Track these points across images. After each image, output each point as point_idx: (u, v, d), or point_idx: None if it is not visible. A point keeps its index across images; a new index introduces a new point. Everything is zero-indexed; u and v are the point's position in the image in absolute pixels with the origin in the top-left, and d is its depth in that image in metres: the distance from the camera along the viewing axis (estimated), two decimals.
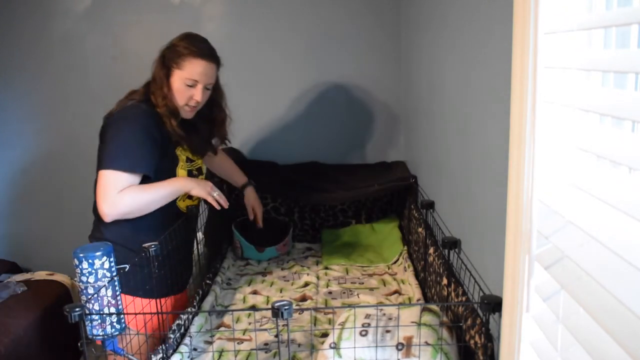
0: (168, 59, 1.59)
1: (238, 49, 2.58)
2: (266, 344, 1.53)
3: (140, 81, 1.69)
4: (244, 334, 1.63)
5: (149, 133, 1.54)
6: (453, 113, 1.54)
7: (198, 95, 1.59)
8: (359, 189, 2.30)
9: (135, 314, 1.37)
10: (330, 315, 1.71)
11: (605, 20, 0.73)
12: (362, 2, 2.51)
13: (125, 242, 1.55)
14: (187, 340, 1.47)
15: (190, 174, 1.71)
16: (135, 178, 1.50)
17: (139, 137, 1.52)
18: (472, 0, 1.31)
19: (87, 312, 1.17)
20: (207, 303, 1.78)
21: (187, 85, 1.57)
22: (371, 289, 1.95)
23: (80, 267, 1.16)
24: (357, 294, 1.90)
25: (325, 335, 1.53)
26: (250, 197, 2.12)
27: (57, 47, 2.58)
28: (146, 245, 1.40)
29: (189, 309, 1.62)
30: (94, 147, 1.58)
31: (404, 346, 1.16)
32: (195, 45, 1.59)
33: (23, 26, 2.58)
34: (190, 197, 1.70)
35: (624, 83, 0.82)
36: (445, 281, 1.45)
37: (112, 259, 1.21)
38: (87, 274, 1.17)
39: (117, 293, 1.23)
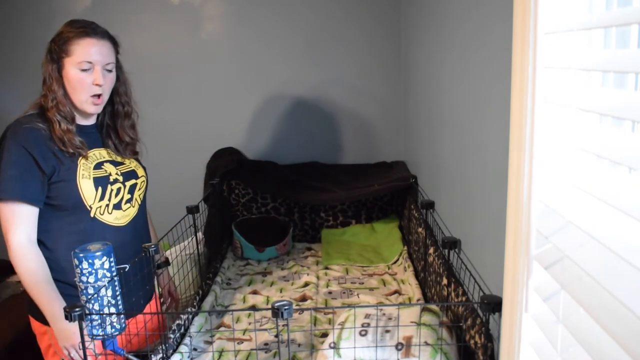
0: (55, 51, 1.38)
1: (238, 49, 2.59)
2: (266, 344, 1.53)
3: (140, 81, 1.69)
4: (244, 334, 1.63)
5: (33, 150, 1.33)
6: (453, 113, 1.54)
7: (98, 77, 1.37)
8: (359, 189, 2.31)
9: (135, 314, 1.37)
10: (330, 315, 1.71)
11: (605, 20, 0.73)
12: (362, 2, 2.51)
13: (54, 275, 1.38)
14: (187, 340, 1.47)
15: (101, 181, 1.43)
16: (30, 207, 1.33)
17: (24, 162, 1.32)
18: (472, 0, 1.31)
19: (87, 312, 1.17)
20: (207, 303, 1.78)
21: (82, 70, 1.36)
22: (371, 289, 1.95)
23: (80, 267, 1.16)
24: (357, 294, 1.90)
25: (325, 335, 1.54)
26: (167, 279, 1.73)
27: None
28: (146, 245, 1.40)
29: (189, 309, 1.62)
30: None
31: (404, 346, 1.16)
32: (81, 26, 1.39)
33: (23, 26, 2.58)
34: (119, 207, 1.46)
35: (624, 83, 0.82)
36: (445, 281, 1.45)
37: (112, 259, 1.21)
38: (87, 274, 1.17)
39: (117, 293, 1.23)
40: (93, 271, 1.17)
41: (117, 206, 1.46)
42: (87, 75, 1.37)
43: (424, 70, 1.99)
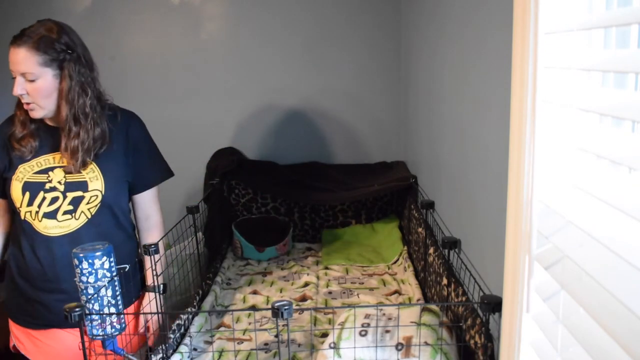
0: None
1: (238, 49, 2.59)
2: (266, 344, 1.53)
3: (139, 81, 1.69)
4: (244, 334, 1.63)
5: None
6: (453, 113, 1.54)
7: (15, 86, 1.34)
8: (359, 189, 2.31)
9: (135, 314, 1.37)
10: (330, 315, 1.71)
11: (605, 20, 0.73)
12: (362, 2, 2.51)
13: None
14: (187, 340, 1.47)
15: (33, 187, 1.41)
16: None
17: None
18: (472, 0, 1.31)
19: (87, 312, 1.17)
20: (207, 303, 1.78)
21: (13, 78, 1.36)
22: (371, 289, 1.95)
23: (80, 267, 1.16)
24: (357, 294, 1.90)
25: (325, 335, 1.54)
26: (145, 304, 1.55)
27: None
28: (146, 244, 1.40)
29: (189, 309, 1.62)
30: None
31: (404, 346, 1.16)
32: (17, 33, 1.37)
33: (23, 26, 2.57)
34: (52, 216, 1.41)
35: (624, 83, 0.82)
36: (445, 281, 1.45)
37: (112, 259, 1.21)
38: (87, 274, 1.17)
39: (117, 293, 1.23)
40: (93, 271, 1.17)
41: (50, 215, 1.41)
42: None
43: (424, 70, 1.99)
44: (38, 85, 1.35)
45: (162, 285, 1.50)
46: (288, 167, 2.59)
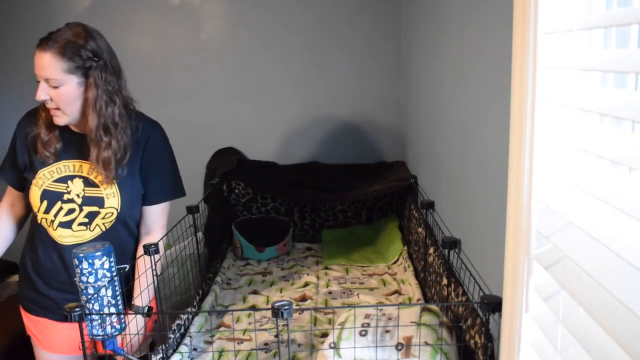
0: None
1: (238, 49, 2.59)
2: (266, 344, 1.53)
3: (139, 81, 1.68)
4: (244, 334, 1.63)
5: (19, 137, 1.45)
6: (453, 113, 1.54)
7: (38, 91, 1.31)
8: (359, 189, 2.31)
9: (135, 313, 1.37)
10: (330, 315, 1.71)
11: (605, 20, 0.73)
12: (362, 2, 2.51)
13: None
14: (187, 340, 1.47)
15: (52, 196, 1.39)
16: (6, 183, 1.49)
17: (12, 141, 1.46)
18: (472, 1, 1.31)
19: (87, 312, 1.17)
20: (207, 303, 1.78)
21: (37, 82, 1.33)
22: (371, 289, 1.95)
23: (80, 267, 1.16)
24: (357, 294, 1.90)
25: (325, 335, 1.54)
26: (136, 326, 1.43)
27: None
28: (146, 244, 1.40)
29: (189, 309, 1.62)
30: None
31: (404, 346, 1.16)
32: (43, 36, 1.32)
33: (22, 26, 2.58)
34: (67, 226, 1.41)
35: (624, 83, 0.82)
36: (445, 281, 1.45)
37: (112, 259, 1.21)
38: (87, 274, 1.17)
39: (117, 293, 1.23)
40: (93, 271, 1.17)
41: (66, 225, 1.41)
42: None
43: (424, 70, 1.99)
44: (61, 92, 1.31)
45: (146, 307, 1.45)
46: (288, 167, 2.59)
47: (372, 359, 1.15)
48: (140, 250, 1.47)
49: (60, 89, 1.31)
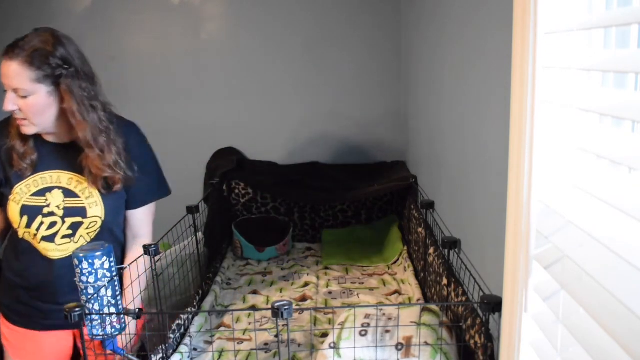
0: None
1: (238, 49, 2.59)
2: (266, 344, 1.53)
3: (139, 81, 1.68)
4: (244, 334, 1.63)
5: None
6: (453, 113, 1.54)
7: (5, 101, 1.25)
8: (359, 189, 2.31)
9: (136, 313, 1.36)
10: (330, 315, 1.71)
11: (605, 20, 0.73)
12: (362, 2, 2.51)
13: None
14: (187, 340, 1.47)
15: (31, 211, 1.35)
16: None
17: None
18: (472, 1, 1.31)
19: (87, 312, 1.17)
20: (207, 303, 1.78)
21: (5, 91, 1.27)
22: (371, 289, 1.95)
23: (80, 267, 1.16)
24: (357, 294, 1.90)
25: (325, 335, 1.54)
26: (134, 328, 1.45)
27: None
28: (146, 244, 1.40)
29: (189, 309, 1.62)
30: None
31: (404, 346, 1.16)
32: (9, 44, 1.25)
33: (23, 26, 2.57)
34: (51, 239, 1.38)
35: (624, 83, 0.82)
36: (445, 281, 1.45)
37: (112, 259, 1.21)
38: (87, 274, 1.17)
39: (117, 293, 1.23)
40: (93, 271, 1.17)
41: (49, 239, 1.37)
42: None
43: (424, 70, 1.99)
44: (30, 102, 1.25)
45: (137, 309, 1.41)
46: (288, 167, 2.59)
47: (372, 359, 1.15)
48: (130, 256, 1.46)
49: (29, 99, 1.25)
